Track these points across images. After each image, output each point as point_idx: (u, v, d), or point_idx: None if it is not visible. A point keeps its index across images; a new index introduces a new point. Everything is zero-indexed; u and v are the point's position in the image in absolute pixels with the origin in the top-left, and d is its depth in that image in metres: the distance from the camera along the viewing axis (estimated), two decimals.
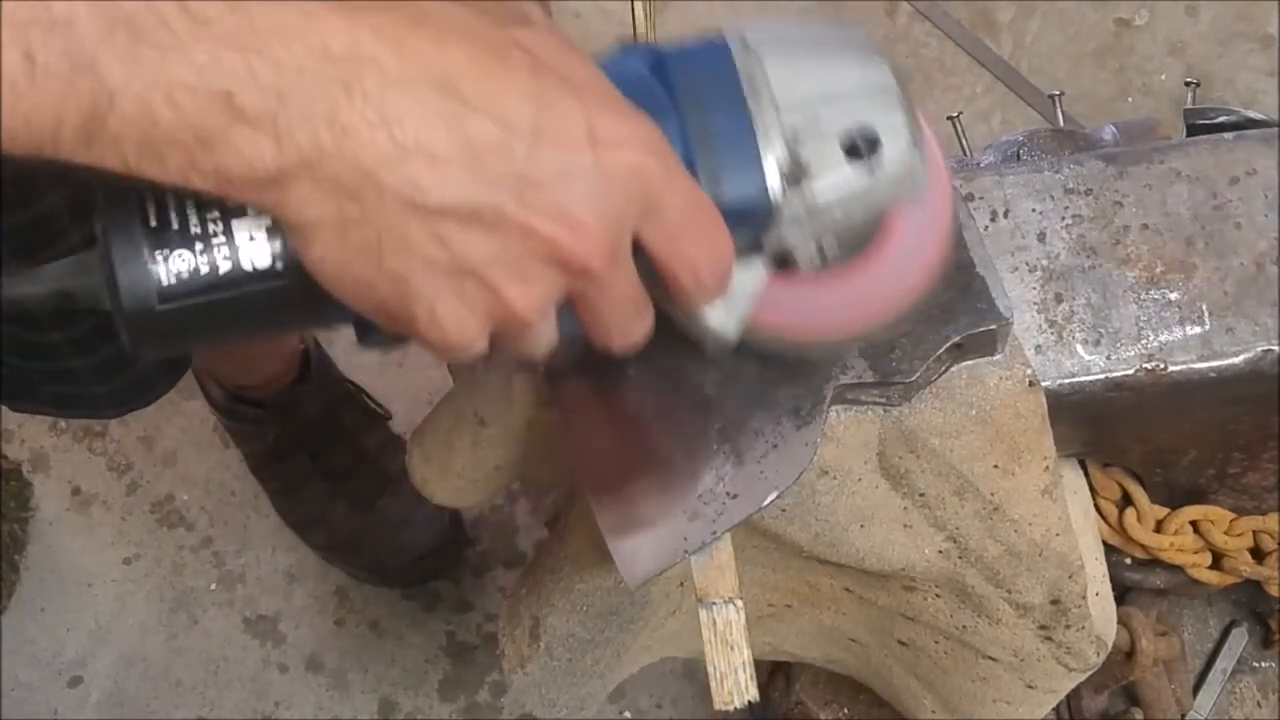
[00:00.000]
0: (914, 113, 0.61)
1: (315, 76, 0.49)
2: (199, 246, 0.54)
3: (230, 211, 0.54)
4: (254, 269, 0.54)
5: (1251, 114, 1.01)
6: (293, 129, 0.49)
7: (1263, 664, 1.21)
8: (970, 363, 0.80)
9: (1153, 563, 1.05)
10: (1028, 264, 0.86)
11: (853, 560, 0.84)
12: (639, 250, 0.57)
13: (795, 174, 0.59)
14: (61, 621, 1.86)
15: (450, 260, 0.53)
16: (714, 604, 0.75)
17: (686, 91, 0.59)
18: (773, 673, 1.26)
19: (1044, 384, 0.82)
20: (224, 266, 0.54)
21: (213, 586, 1.87)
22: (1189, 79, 1.38)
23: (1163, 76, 2.04)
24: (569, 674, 0.96)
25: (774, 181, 0.59)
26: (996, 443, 0.81)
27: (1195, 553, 1.03)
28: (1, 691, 1.80)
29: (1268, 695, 1.21)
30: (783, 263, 0.64)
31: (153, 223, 0.54)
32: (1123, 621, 1.07)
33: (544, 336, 0.58)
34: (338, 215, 0.51)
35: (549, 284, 0.55)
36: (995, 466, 0.81)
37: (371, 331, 0.59)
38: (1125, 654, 1.11)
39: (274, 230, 0.54)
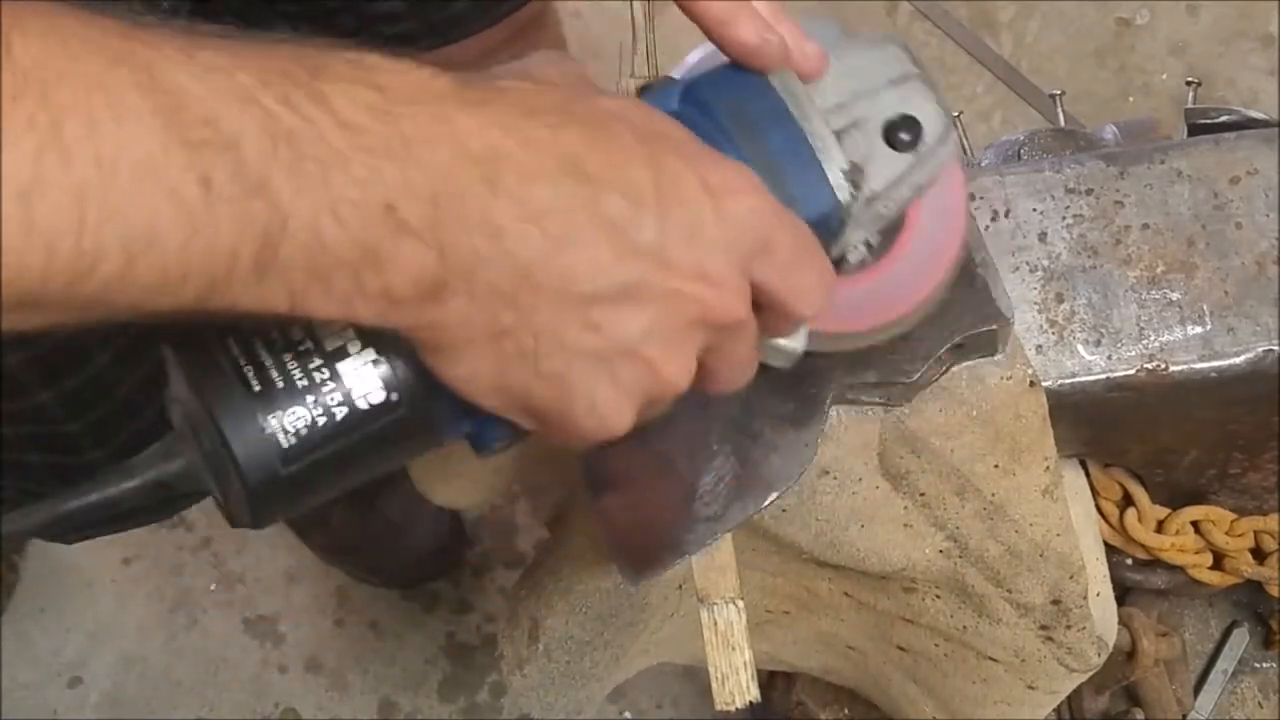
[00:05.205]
0: (939, 89, 0.62)
1: (463, 179, 0.48)
2: (310, 399, 0.51)
3: (332, 355, 0.52)
4: (370, 406, 0.52)
5: (1252, 113, 1.01)
6: (453, 236, 0.47)
7: (1264, 664, 1.21)
8: (971, 363, 0.80)
9: (1154, 563, 1.05)
10: (1028, 264, 0.86)
11: (853, 561, 0.84)
12: None
13: (855, 178, 0.59)
14: (61, 622, 1.86)
15: (606, 345, 0.52)
16: (715, 604, 0.74)
17: (731, 118, 0.59)
18: (773, 673, 1.26)
19: (1045, 384, 0.82)
20: (340, 412, 0.52)
21: (212, 587, 1.87)
22: (1190, 78, 1.38)
23: (1164, 76, 2.04)
24: (567, 676, 0.95)
25: (843, 190, 0.59)
26: (997, 443, 0.81)
27: (1196, 553, 1.03)
28: (1, 691, 1.80)
29: (1269, 696, 1.21)
30: (836, 265, 0.63)
31: (256, 387, 0.51)
32: (1124, 622, 1.07)
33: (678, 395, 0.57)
34: (492, 327, 0.50)
35: (696, 346, 0.54)
36: (996, 466, 0.81)
37: (495, 438, 0.57)
38: (1126, 654, 1.11)
39: (379, 362, 0.52)
